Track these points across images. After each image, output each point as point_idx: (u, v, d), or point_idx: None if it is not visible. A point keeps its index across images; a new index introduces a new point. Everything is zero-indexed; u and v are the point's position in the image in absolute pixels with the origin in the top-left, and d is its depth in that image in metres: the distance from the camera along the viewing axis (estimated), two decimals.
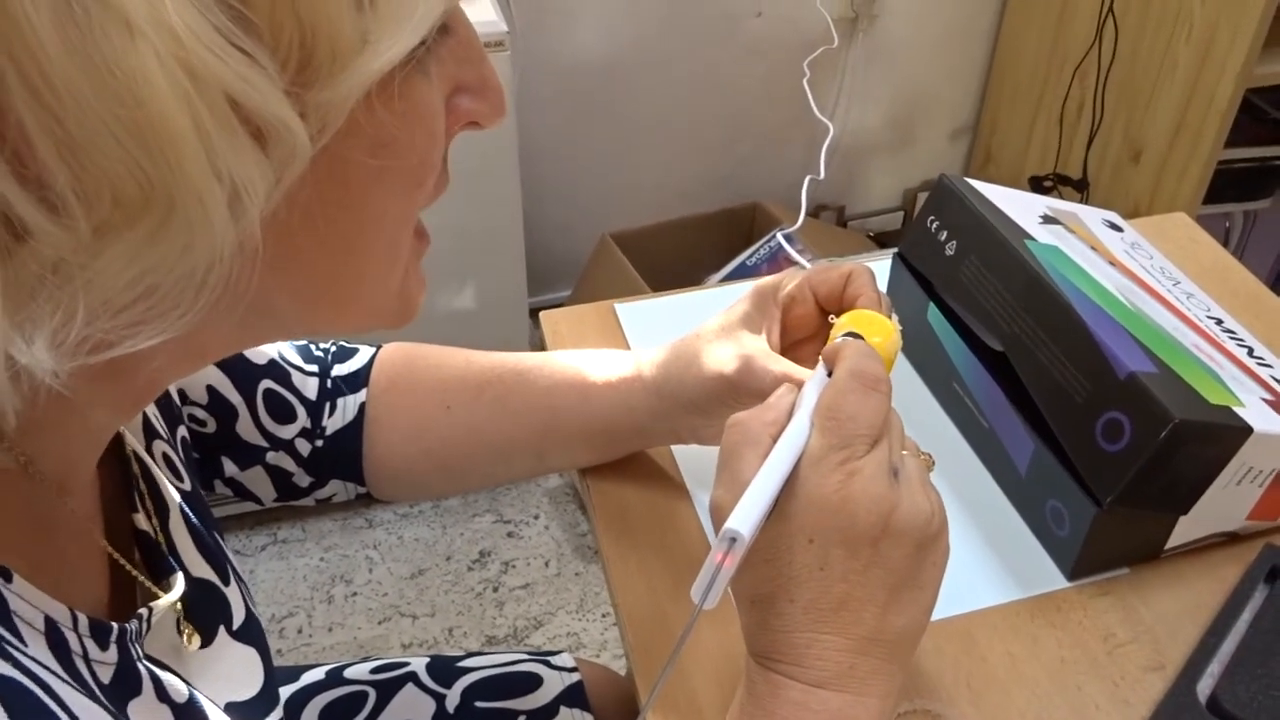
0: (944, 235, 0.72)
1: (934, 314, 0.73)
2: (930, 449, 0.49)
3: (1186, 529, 0.62)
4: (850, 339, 0.50)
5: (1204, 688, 0.57)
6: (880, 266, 0.89)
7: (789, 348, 0.61)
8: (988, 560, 0.65)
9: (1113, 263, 0.71)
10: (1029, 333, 0.64)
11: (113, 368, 0.30)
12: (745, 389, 0.57)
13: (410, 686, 0.76)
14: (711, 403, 0.60)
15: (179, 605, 0.46)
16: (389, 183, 0.35)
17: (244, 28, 0.27)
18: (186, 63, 0.26)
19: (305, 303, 0.36)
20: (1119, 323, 0.63)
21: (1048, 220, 0.73)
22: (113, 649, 0.39)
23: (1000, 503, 0.68)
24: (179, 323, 0.30)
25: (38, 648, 0.34)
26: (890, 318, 0.55)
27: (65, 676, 0.35)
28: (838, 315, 0.56)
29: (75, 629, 0.37)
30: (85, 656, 0.37)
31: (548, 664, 0.79)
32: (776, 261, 1.60)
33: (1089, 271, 0.67)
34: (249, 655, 0.50)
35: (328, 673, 0.77)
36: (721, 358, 0.58)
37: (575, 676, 0.78)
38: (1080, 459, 0.60)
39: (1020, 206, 0.73)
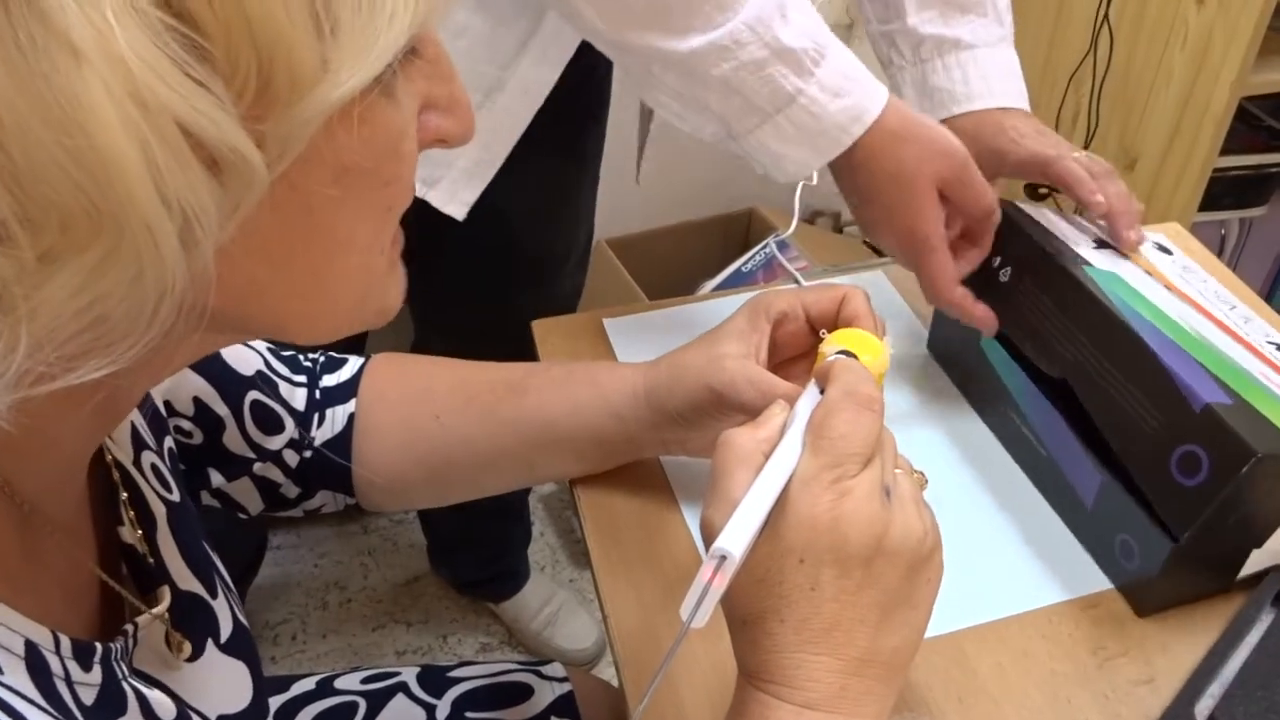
0: (997, 261, 0.71)
1: (989, 342, 0.72)
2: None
3: (1258, 560, 0.61)
4: (843, 357, 0.50)
5: (1203, 708, 0.56)
6: (874, 279, 0.89)
7: (780, 365, 0.61)
8: (983, 575, 0.65)
9: (1169, 288, 0.70)
10: (1093, 361, 0.63)
11: (75, 390, 0.29)
12: (728, 400, 0.57)
13: (401, 697, 0.75)
14: (696, 413, 0.60)
15: (166, 617, 0.45)
16: (355, 206, 0.34)
17: (198, 56, 0.26)
18: (136, 92, 0.25)
19: (277, 320, 0.36)
20: (1187, 352, 0.61)
21: (1101, 245, 0.72)
22: (96, 670, 0.39)
23: (997, 519, 0.68)
24: (128, 354, 0.29)
25: (15, 674, 0.34)
26: (882, 339, 0.55)
27: (43, 704, 0.35)
28: (829, 333, 0.56)
29: (57, 652, 0.37)
30: (67, 679, 0.37)
31: (539, 674, 0.79)
32: (772, 268, 1.60)
33: (1150, 298, 0.66)
34: (238, 668, 0.50)
35: (318, 683, 0.77)
36: (706, 369, 0.59)
37: (566, 686, 0.78)
38: (1154, 492, 0.59)
39: (1073, 231, 0.73)
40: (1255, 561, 0.61)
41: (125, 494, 0.46)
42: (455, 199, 0.89)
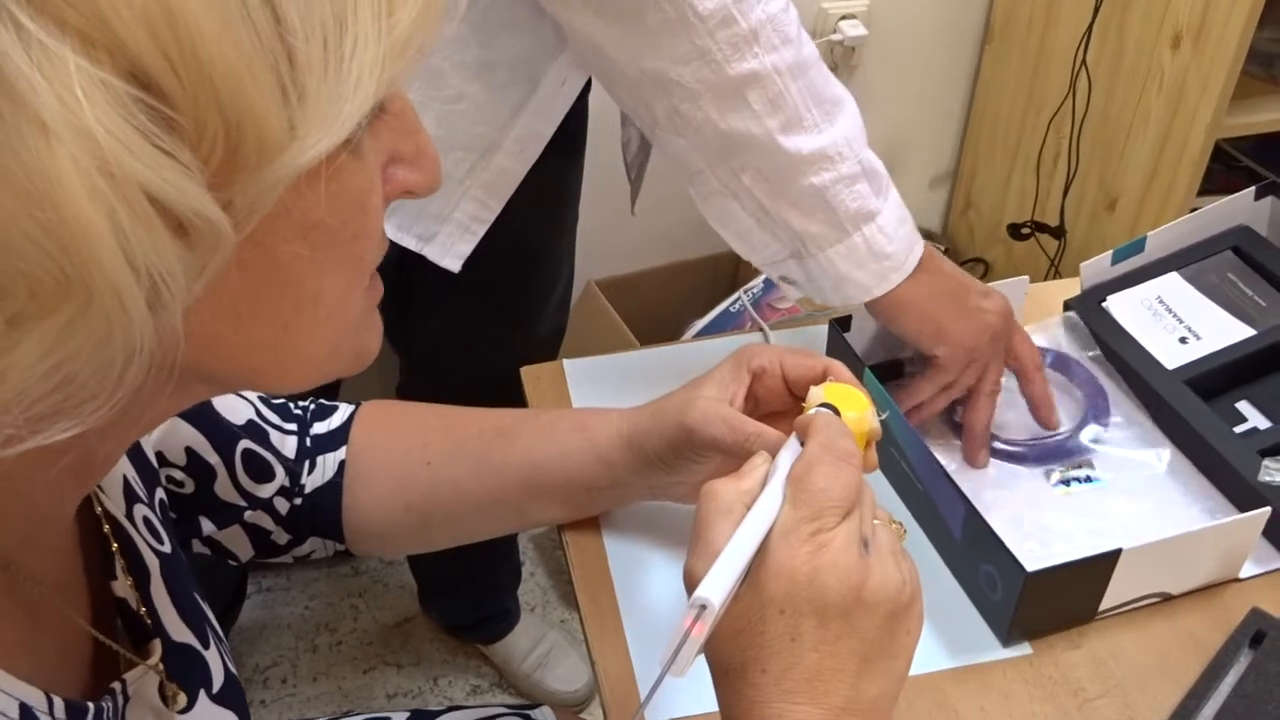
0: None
1: (869, 377, 0.73)
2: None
3: (1119, 591, 0.63)
4: (824, 410, 0.51)
5: None
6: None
7: (762, 419, 0.62)
8: (965, 619, 0.65)
9: None
10: None
11: (47, 450, 0.29)
12: (700, 437, 0.59)
13: None
14: (675, 455, 0.61)
15: (161, 669, 0.46)
16: (324, 261, 0.34)
17: (166, 126, 0.27)
18: (103, 164, 0.26)
19: (249, 373, 0.36)
20: None
21: None
22: None
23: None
24: (96, 414, 0.29)
25: None
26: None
27: None
28: (802, 399, 0.56)
29: (51, 713, 0.37)
30: None
31: (526, 718, 0.79)
32: (759, 308, 1.61)
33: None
34: (228, 719, 0.51)
35: None
36: (682, 408, 0.60)
37: None
38: None
39: None
40: (1117, 593, 0.63)
41: (117, 547, 0.47)
42: (450, 252, 0.90)
